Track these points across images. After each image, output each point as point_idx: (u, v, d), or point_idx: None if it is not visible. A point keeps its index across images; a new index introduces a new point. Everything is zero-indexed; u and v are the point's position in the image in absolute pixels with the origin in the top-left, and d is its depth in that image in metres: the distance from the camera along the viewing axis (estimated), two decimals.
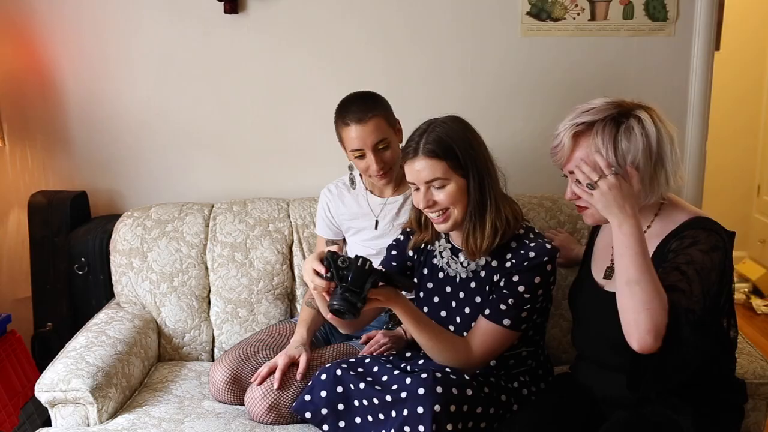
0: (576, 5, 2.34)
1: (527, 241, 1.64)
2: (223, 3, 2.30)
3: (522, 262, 1.61)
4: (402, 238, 1.84)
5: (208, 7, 2.32)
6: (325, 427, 1.63)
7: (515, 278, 1.61)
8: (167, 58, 2.38)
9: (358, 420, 1.60)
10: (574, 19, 2.35)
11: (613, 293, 1.42)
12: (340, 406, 1.62)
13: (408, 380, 1.54)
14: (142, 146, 2.45)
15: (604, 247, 1.64)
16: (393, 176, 1.96)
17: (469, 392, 1.53)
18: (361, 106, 1.88)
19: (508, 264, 1.63)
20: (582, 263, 1.75)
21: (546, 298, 1.68)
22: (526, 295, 1.61)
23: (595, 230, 1.74)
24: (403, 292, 1.67)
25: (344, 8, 2.35)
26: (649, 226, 1.52)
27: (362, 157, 1.89)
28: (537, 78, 2.39)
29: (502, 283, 1.63)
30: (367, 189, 2.06)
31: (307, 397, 1.65)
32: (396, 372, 1.60)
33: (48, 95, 2.40)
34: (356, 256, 1.50)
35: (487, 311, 1.63)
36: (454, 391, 1.51)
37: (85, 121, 2.43)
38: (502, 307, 1.61)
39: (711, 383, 1.51)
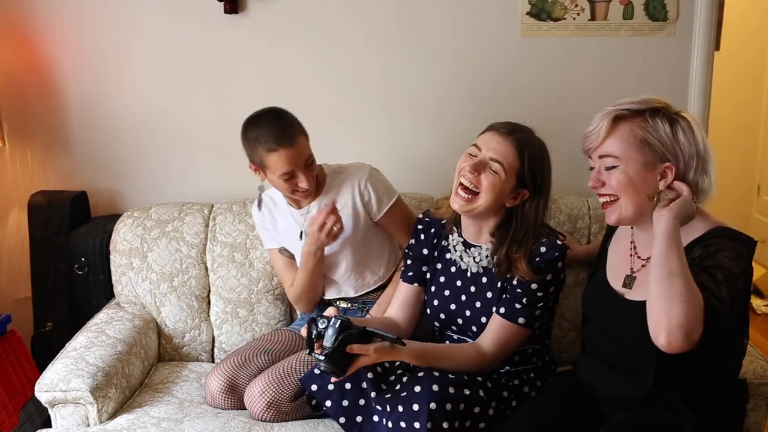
0: (576, 5, 2.34)
1: (539, 237, 1.67)
2: (223, 3, 2.30)
3: (534, 258, 1.64)
4: (413, 241, 1.86)
5: (208, 7, 2.32)
6: (328, 403, 1.63)
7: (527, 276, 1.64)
8: (167, 58, 2.38)
9: (362, 402, 1.61)
10: (574, 19, 2.35)
11: (635, 302, 1.40)
12: (347, 385, 1.62)
13: (405, 378, 1.56)
14: (142, 146, 2.45)
15: (622, 255, 1.62)
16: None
17: (467, 391, 1.54)
18: (283, 128, 1.84)
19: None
20: (596, 268, 1.73)
21: (557, 295, 1.70)
22: (539, 294, 1.64)
23: (608, 235, 1.73)
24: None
25: (344, 8, 2.34)
26: None
27: (291, 177, 1.87)
28: (537, 78, 2.39)
29: (515, 282, 1.65)
30: (288, 204, 2.02)
31: (317, 371, 1.65)
32: (399, 370, 1.62)
33: (48, 95, 2.40)
34: (335, 316, 1.50)
35: (502, 310, 1.65)
36: (451, 390, 1.52)
37: (85, 121, 2.43)
38: (517, 306, 1.64)
39: (716, 386, 1.50)
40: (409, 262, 1.86)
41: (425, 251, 1.83)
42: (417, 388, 1.51)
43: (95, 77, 2.39)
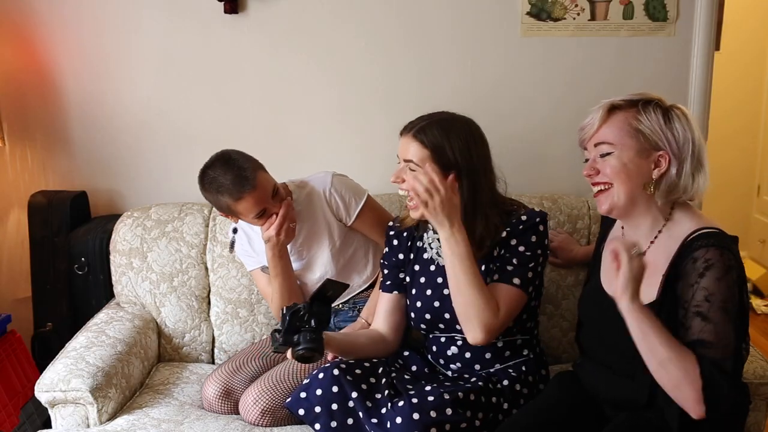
0: (576, 5, 2.34)
1: (516, 212, 1.70)
2: (223, 3, 2.30)
3: (517, 226, 1.67)
4: (387, 250, 1.86)
5: (208, 7, 2.32)
6: (317, 426, 1.62)
7: (513, 242, 1.67)
8: (167, 58, 2.38)
9: (350, 421, 1.60)
10: (574, 19, 2.35)
11: None
12: (334, 406, 1.61)
13: (384, 410, 1.56)
14: (142, 146, 2.44)
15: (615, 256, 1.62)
16: None
17: (449, 411, 1.53)
18: (239, 173, 1.81)
19: (503, 234, 1.68)
20: (591, 272, 1.72)
21: (544, 264, 1.71)
22: (527, 253, 1.66)
23: (601, 240, 1.72)
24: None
25: (344, 8, 2.34)
26: (660, 231, 1.51)
27: (264, 213, 1.86)
28: (537, 78, 2.39)
29: (502, 251, 1.68)
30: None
31: (303, 394, 1.65)
32: (386, 389, 1.62)
33: (48, 95, 2.40)
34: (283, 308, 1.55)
35: (495, 276, 1.67)
36: (432, 414, 1.51)
37: (85, 121, 2.42)
38: (509, 267, 1.66)
39: None
40: (386, 271, 1.85)
41: (401, 256, 1.83)
42: (398, 420, 1.50)
43: (95, 77, 2.39)
